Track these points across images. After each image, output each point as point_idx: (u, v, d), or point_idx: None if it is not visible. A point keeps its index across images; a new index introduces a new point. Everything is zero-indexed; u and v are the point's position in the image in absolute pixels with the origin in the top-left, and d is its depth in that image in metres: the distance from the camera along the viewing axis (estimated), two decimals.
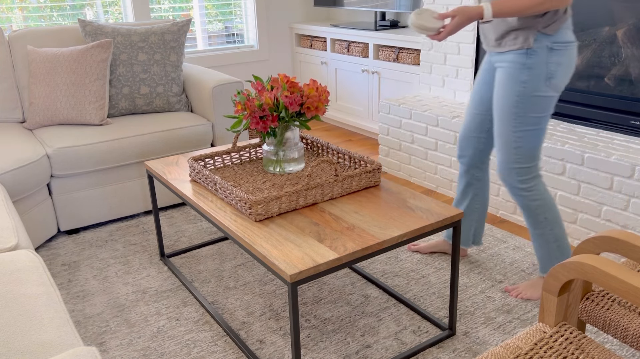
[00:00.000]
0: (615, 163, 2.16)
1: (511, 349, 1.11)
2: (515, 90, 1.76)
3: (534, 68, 1.73)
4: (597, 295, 1.28)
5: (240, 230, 1.59)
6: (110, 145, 2.55)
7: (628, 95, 2.37)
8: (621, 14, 2.34)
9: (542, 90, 1.74)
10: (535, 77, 1.73)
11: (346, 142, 3.93)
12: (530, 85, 1.74)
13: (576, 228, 2.37)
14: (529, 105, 1.76)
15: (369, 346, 1.79)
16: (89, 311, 2.02)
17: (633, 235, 1.21)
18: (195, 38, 4.14)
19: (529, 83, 1.74)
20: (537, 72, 1.73)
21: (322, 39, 4.18)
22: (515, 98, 1.77)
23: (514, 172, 1.85)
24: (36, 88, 2.68)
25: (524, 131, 1.79)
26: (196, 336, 1.86)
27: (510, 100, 1.78)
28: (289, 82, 1.88)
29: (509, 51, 1.77)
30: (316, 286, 2.14)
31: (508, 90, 1.78)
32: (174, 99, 2.93)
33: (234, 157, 2.13)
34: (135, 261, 2.35)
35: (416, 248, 2.35)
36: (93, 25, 2.83)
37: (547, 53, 1.71)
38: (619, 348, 1.74)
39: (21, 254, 1.52)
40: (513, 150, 1.83)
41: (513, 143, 1.82)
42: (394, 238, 1.54)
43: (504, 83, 1.79)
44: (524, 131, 1.79)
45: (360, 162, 1.96)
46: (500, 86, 1.81)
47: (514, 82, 1.76)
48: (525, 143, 1.81)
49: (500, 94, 1.81)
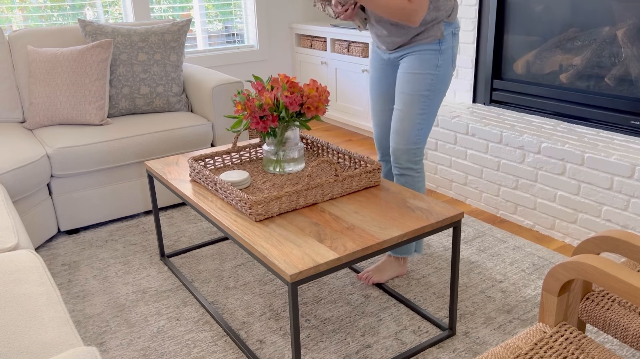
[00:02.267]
0: (615, 163, 2.16)
1: (511, 349, 1.11)
2: (430, 74, 1.91)
3: (445, 52, 1.90)
4: (597, 295, 1.28)
5: (241, 230, 1.59)
6: (110, 145, 2.55)
7: (628, 95, 2.37)
8: (621, 14, 2.34)
9: (449, 72, 1.94)
10: (446, 61, 1.91)
11: (346, 142, 3.93)
12: (443, 68, 1.92)
13: (576, 228, 2.37)
14: (439, 87, 1.93)
15: (369, 346, 1.79)
16: (89, 311, 2.02)
17: (633, 235, 1.21)
18: (195, 38, 4.14)
19: (442, 67, 1.91)
20: (447, 55, 1.91)
21: (322, 39, 4.18)
22: (429, 81, 1.91)
23: (411, 152, 1.97)
24: (36, 88, 2.68)
25: (428, 113, 1.94)
26: (196, 336, 1.86)
27: (424, 84, 1.91)
28: (289, 82, 1.88)
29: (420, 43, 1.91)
30: (316, 286, 2.14)
31: (422, 75, 1.91)
32: (174, 99, 2.93)
33: (234, 157, 2.13)
34: (135, 261, 2.35)
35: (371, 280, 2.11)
36: (93, 25, 2.83)
37: (451, 38, 1.92)
38: (619, 348, 1.74)
39: (21, 254, 1.52)
40: (416, 132, 1.95)
41: (417, 124, 1.94)
42: (394, 238, 1.54)
43: (416, 68, 1.91)
44: (429, 113, 1.95)
45: (360, 162, 1.96)
46: (411, 73, 1.93)
47: (429, 66, 1.90)
48: (427, 124, 1.96)
49: (411, 80, 1.92)
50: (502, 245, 2.40)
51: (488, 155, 2.68)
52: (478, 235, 2.49)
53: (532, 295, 2.03)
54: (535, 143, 2.44)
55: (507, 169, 2.60)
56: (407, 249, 2.10)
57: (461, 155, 2.82)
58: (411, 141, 1.95)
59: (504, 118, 2.75)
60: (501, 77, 2.90)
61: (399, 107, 1.96)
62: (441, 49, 1.89)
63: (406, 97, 1.93)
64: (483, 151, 2.69)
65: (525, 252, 2.33)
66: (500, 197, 2.68)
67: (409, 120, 1.94)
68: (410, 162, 1.99)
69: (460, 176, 2.86)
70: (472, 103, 3.04)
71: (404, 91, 1.94)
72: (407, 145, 1.96)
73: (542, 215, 2.50)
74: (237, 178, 1.84)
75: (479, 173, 2.75)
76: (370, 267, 2.14)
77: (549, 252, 2.33)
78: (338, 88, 4.09)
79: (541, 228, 2.53)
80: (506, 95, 2.87)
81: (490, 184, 2.71)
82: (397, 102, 1.97)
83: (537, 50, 2.71)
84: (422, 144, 1.98)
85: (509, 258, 2.29)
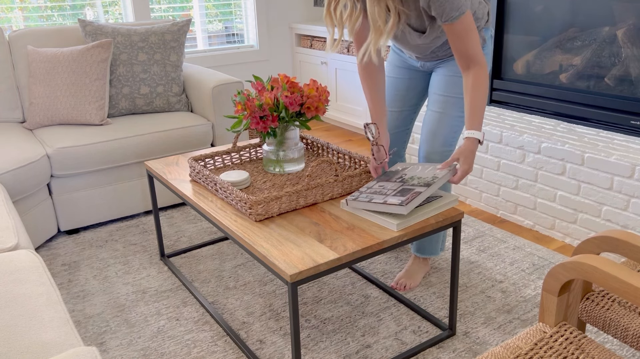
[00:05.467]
0: (615, 163, 2.16)
1: (511, 349, 1.11)
2: None
3: (485, 56, 1.87)
4: (597, 295, 1.28)
5: (241, 230, 1.59)
6: (110, 145, 2.55)
7: (628, 95, 2.37)
8: (621, 14, 2.34)
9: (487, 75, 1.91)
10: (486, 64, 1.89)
11: (346, 142, 3.93)
12: None
13: (576, 228, 2.37)
14: None
15: (369, 346, 1.79)
16: (89, 311, 2.02)
17: (633, 235, 1.21)
18: (195, 38, 4.14)
19: None
20: (487, 59, 1.89)
21: (322, 39, 4.18)
22: None
23: (445, 154, 1.94)
24: (36, 88, 2.68)
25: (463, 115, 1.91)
26: (196, 336, 1.86)
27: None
28: (289, 82, 1.88)
29: None
30: (316, 286, 2.14)
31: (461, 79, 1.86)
32: (174, 99, 2.93)
33: (234, 157, 2.13)
34: (135, 261, 2.35)
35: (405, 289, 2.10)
36: (93, 25, 2.83)
37: (490, 41, 1.91)
38: (619, 348, 1.74)
39: (21, 254, 1.52)
40: (453, 134, 1.92)
41: (455, 127, 1.91)
42: (394, 238, 1.54)
43: (458, 72, 1.87)
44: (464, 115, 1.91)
45: (360, 162, 1.96)
46: (452, 76, 1.89)
47: None
48: (462, 126, 1.94)
49: (451, 83, 1.89)
50: (502, 245, 2.40)
51: (488, 155, 2.68)
52: (478, 235, 2.49)
53: (532, 295, 2.04)
54: (535, 143, 2.44)
55: (507, 169, 2.60)
56: (434, 249, 2.10)
57: None
58: (447, 143, 1.91)
59: (504, 118, 2.75)
60: (501, 77, 2.90)
61: (436, 109, 1.91)
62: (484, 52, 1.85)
63: (447, 99, 1.89)
64: (483, 151, 2.69)
65: (525, 252, 2.33)
66: (500, 197, 2.68)
67: (448, 122, 1.89)
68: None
69: None
70: None
71: (444, 93, 1.89)
72: (442, 147, 1.91)
73: (542, 215, 2.50)
74: (237, 178, 1.84)
75: (479, 173, 2.75)
76: (401, 273, 2.11)
77: (549, 252, 2.33)
78: (338, 88, 4.09)
79: (541, 228, 2.53)
80: (506, 95, 2.87)
81: (490, 184, 2.71)
82: (434, 104, 1.92)
83: (537, 50, 2.71)
84: (454, 147, 1.94)
85: (509, 258, 2.29)
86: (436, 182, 1.59)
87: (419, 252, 2.10)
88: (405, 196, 1.52)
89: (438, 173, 1.64)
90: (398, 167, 1.80)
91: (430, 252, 2.09)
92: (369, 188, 1.66)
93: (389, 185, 1.65)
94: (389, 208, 1.49)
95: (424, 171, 1.67)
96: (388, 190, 1.59)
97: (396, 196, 1.53)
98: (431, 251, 2.09)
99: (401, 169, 1.76)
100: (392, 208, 1.49)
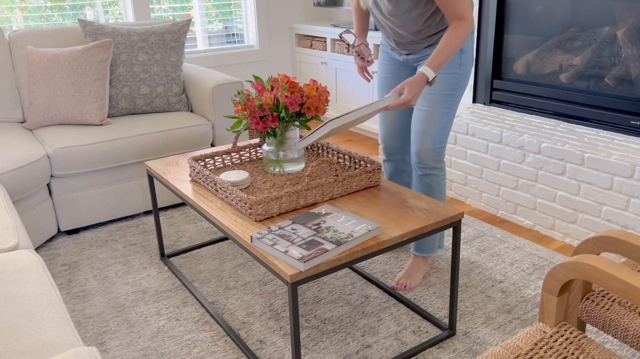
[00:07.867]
0: (615, 163, 2.16)
1: (511, 349, 1.11)
2: (454, 74, 1.90)
3: (466, 51, 1.90)
4: (597, 295, 1.28)
5: (241, 230, 1.59)
6: (110, 145, 2.54)
7: (628, 95, 2.37)
8: (621, 14, 2.34)
9: (470, 70, 1.94)
10: (468, 59, 1.92)
11: (346, 142, 3.93)
12: (465, 67, 1.92)
13: (576, 228, 2.37)
14: (462, 85, 1.93)
15: (369, 346, 1.79)
16: (89, 311, 2.02)
17: (633, 235, 1.21)
18: (195, 38, 4.14)
19: (464, 66, 1.91)
20: (468, 54, 1.91)
21: (322, 39, 4.18)
22: (454, 80, 1.91)
23: (436, 152, 1.97)
24: (36, 88, 2.68)
25: (451, 112, 1.95)
26: (196, 336, 1.86)
27: (449, 84, 1.90)
28: (289, 82, 1.88)
29: None
30: (316, 286, 2.14)
31: (447, 75, 1.89)
32: (174, 99, 2.93)
33: (234, 157, 2.13)
34: (135, 261, 2.35)
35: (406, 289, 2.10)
36: (93, 25, 2.83)
37: (470, 36, 1.91)
38: (619, 348, 1.74)
39: (21, 254, 1.52)
40: (441, 131, 1.95)
41: (443, 124, 1.94)
42: (394, 238, 1.54)
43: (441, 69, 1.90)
44: (452, 112, 1.95)
45: (360, 162, 1.96)
46: None
47: (453, 66, 1.89)
48: (450, 123, 1.96)
49: (436, 80, 1.91)
50: (502, 245, 2.40)
51: (488, 155, 2.68)
52: (478, 235, 2.49)
53: (532, 295, 2.03)
54: (535, 143, 2.44)
55: (507, 169, 2.60)
56: (432, 247, 2.11)
57: (461, 155, 2.82)
58: (437, 140, 1.95)
59: (504, 118, 2.75)
60: (501, 77, 2.90)
61: (423, 108, 1.94)
62: (463, 48, 1.88)
63: (432, 97, 1.92)
64: (483, 151, 2.69)
65: (525, 252, 2.33)
66: (500, 197, 2.68)
67: (435, 120, 1.93)
68: (435, 161, 1.98)
69: (460, 176, 2.86)
70: (472, 103, 3.04)
71: (429, 91, 1.92)
72: (433, 145, 1.95)
73: (542, 215, 2.50)
74: (237, 178, 1.84)
75: (479, 173, 2.75)
76: (401, 274, 2.12)
77: (549, 252, 2.33)
78: (338, 88, 4.09)
79: (541, 228, 2.53)
80: (506, 95, 2.87)
81: (490, 184, 2.71)
82: (421, 103, 1.95)
83: (537, 50, 2.71)
84: (445, 143, 1.98)
85: (509, 258, 2.29)
86: (375, 103, 1.67)
87: (417, 251, 2.11)
88: (309, 252, 1.41)
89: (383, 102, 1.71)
90: (322, 211, 1.64)
91: (428, 251, 2.10)
92: (280, 228, 1.55)
93: (301, 231, 1.52)
94: (287, 259, 1.40)
95: (347, 219, 1.58)
96: (297, 237, 1.48)
97: (300, 248, 1.43)
98: (429, 250, 2.10)
99: (325, 213, 1.63)
100: (291, 261, 1.40)
